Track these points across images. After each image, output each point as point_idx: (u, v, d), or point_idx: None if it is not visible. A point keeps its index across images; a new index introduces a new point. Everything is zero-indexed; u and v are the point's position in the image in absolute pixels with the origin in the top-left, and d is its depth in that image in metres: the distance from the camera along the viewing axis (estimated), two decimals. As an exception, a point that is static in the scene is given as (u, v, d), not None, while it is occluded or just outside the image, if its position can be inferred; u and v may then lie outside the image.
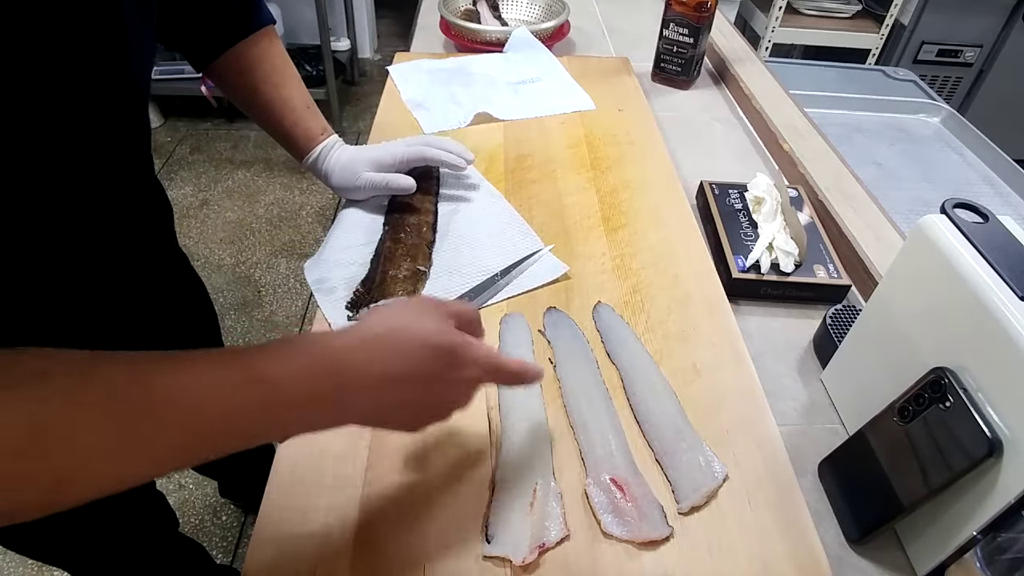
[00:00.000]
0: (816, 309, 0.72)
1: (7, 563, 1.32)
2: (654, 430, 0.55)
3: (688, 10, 1.05)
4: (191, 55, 0.69)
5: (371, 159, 0.75)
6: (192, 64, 0.69)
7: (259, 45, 0.70)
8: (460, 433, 0.55)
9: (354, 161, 0.74)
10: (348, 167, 0.74)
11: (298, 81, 0.73)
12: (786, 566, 0.47)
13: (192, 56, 0.69)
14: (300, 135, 0.73)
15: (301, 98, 0.73)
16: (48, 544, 0.74)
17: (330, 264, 0.70)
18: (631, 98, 1.03)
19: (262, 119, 0.73)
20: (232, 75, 0.70)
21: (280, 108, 0.71)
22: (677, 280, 0.70)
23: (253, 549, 0.47)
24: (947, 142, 1.32)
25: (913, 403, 0.47)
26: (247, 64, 0.70)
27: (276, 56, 0.71)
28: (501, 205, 0.79)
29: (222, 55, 0.69)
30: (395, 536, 0.48)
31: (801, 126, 1.00)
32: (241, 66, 0.70)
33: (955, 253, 0.47)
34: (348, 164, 0.74)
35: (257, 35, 0.69)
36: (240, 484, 1.33)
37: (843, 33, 2.30)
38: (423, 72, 1.06)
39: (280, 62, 0.71)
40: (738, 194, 0.82)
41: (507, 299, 0.67)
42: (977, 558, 0.44)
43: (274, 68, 0.70)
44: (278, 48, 0.71)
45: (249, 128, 2.65)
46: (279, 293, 1.95)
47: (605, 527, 0.48)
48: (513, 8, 1.29)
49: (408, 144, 0.76)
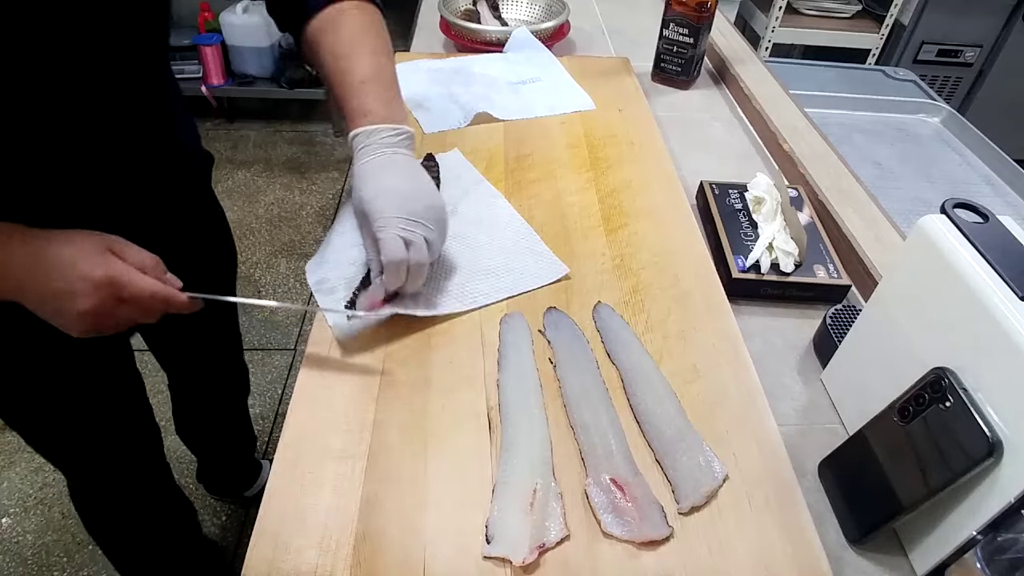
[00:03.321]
0: (816, 309, 0.72)
1: (7, 563, 1.32)
2: (654, 430, 0.55)
3: (688, 10, 1.05)
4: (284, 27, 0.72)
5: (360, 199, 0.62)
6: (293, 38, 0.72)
7: (332, 18, 0.67)
8: (460, 433, 0.55)
9: (356, 187, 0.63)
10: (358, 191, 0.63)
11: (369, 52, 0.66)
12: (786, 566, 0.47)
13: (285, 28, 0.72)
14: (348, 111, 0.65)
15: (362, 71, 0.65)
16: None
17: (331, 264, 0.70)
18: (631, 98, 1.03)
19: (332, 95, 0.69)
20: (308, 49, 0.70)
21: (338, 79, 0.66)
22: (677, 280, 0.70)
23: (253, 549, 0.47)
24: (947, 142, 1.32)
25: (913, 403, 0.47)
26: (321, 32, 0.68)
27: (347, 27, 0.67)
28: (501, 205, 0.79)
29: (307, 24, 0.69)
30: (395, 536, 0.48)
31: (801, 126, 1.00)
32: (316, 33, 0.68)
33: (955, 253, 0.47)
34: (359, 186, 0.62)
35: (336, 8, 0.67)
36: (217, 470, 1.36)
37: (843, 33, 2.30)
38: (423, 72, 1.06)
39: (352, 33, 0.67)
40: (738, 194, 0.82)
41: (507, 299, 0.67)
42: (977, 558, 0.44)
43: (339, 40, 0.67)
44: (356, 20, 0.68)
45: (249, 128, 2.65)
46: (279, 293, 1.95)
47: (605, 527, 0.48)
48: (513, 8, 1.29)
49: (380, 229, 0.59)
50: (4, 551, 1.34)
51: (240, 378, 1.19)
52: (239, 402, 1.23)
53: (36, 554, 1.34)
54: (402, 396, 0.57)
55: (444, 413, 0.56)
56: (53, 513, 1.40)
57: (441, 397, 0.57)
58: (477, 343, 0.62)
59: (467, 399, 0.57)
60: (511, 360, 0.60)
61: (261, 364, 1.74)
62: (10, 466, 1.47)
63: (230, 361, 1.13)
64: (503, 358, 0.61)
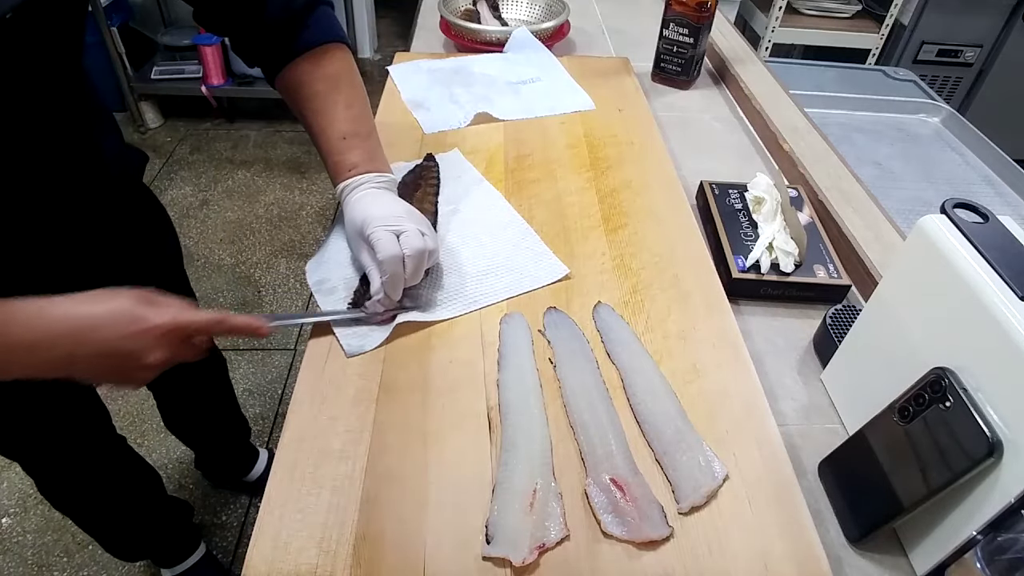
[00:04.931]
0: (816, 309, 0.72)
1: (7, 563, 1.32)
2: (654, 430, 0.55)
3: (688, 10, 1.05)
4: (253, 65, 0.71)
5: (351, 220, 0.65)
6: (264, 76, 0.71)
7: (302, 68, 0.68)
8: (460, 432, 0.55)
9: (347, 219, 0.66)
10: (349, 223, 0.66)
11: (344, 107, 0.68)
12: (786, 566, 0.47)
13: (254, 66, 0.71)
14: (331, 167, 0.68)
15: (340, 127, 0.67)
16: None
17: (331, 264, 0.70)
18: (631, 98, 1.03)
19: (315, 146, 0.70)
20: (286, 96, 0.70)
21: (317, 135, 0.68)
22: (677, 280, 0.70)
23: (253, 549, 0.47)
24: (947, 142, 1.32)
25: (913, 403, 0.47)
26: (291, 89, 0.69)
27: (319, 80, 0.68)
28: (501, 205, 0.79)
29: (276, 78, 0.69)
30: (395, 536, 0.48)
31: (801, 126, 1.00)
32: (287, 90, 0.69)
33: (955, 253, 0.47)
34: (349, 219, 0.66)
35: (305, 58, 0.67)
36: (213, 459, 1.38)
37: (843, 33, 2.30)
38: (423, 72, 1.06)
39: (323, 87, 0.68)
40: (738, 194, 0.82)
41: (507, 299, 0.67)
42: (977, 558, 0.44)
43: (315, 94, 0.68)
44: (325, 71, 0.68)
45: (249, 128, 2.65)
46: (279, 293, 1.95)
47: (605, 527, 0.48)
48: (513, 8, 1.29)
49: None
50: (4, 551, 1.34)
51: (216, 365, 1.19)
52: (222, 390, 1.23)
53: (36, 554, 1.34)
54: (402, 396, 0.57)
55: (444, 413, 0.56)
56: (53, 513, 1.39)
57: (441, 397, 0.57)
58: (477, 343, 0.62)
59: (467, 399, 0.57)
60: (511, 360, 0.60)
61: (261, 364, 1.74)
62: (10, 466, 1.47)
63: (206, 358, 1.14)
64: (503, 358, 0.61)
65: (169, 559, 1.21)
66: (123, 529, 1.08)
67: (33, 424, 0.81)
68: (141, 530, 1.11)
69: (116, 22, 2.35)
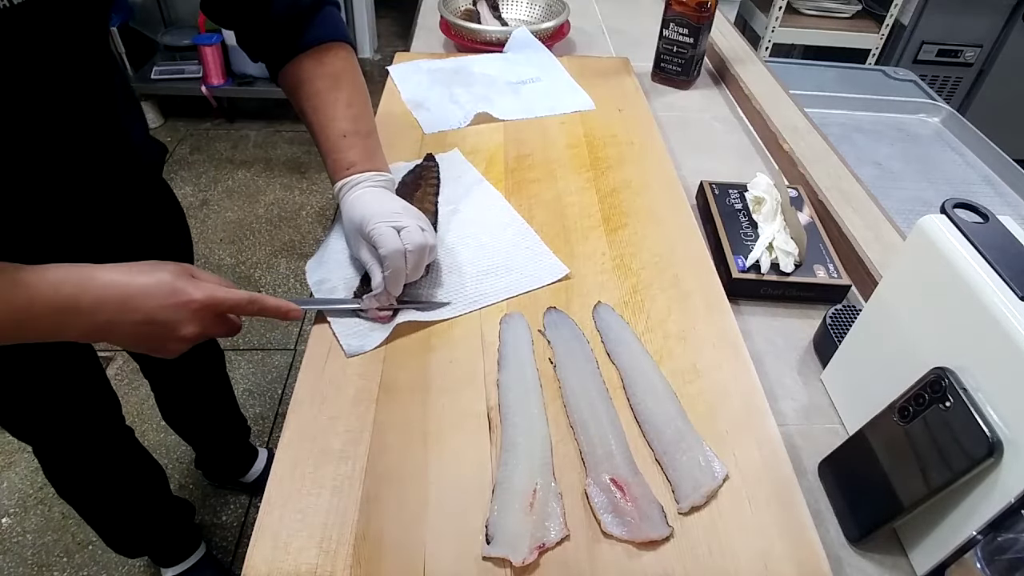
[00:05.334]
0: (816, 309, 0.72)
1: (7, 563, 1.32)
2: (654, 430, 0.55)
3: (688, 10, 1.05)
4: (257, 60, 0.72)
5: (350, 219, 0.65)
6: (268, 71, 0.72)
7: (305, 66, 0.68)
8: (460, 433, 0.55)
9: (346, 218, 0.66)
10: (347, 221, 0.66)
11: (344, 105, 0.68)
12: (786, 566, 0.47)
13: (258, 60, 0.72)
14: (330, 164, 0.69)
15: (340, 125, 0.68)
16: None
17: (331, 264, 0.70)
18: (631, 98, 1.03)
19: (315, 143, 0.71)
20: (289, 93, 0.71)
21: (317, 133, 0.69)
22: (677, 280, 0.70)
23: (253, 549, 0.47)
24: (947, 142, 1.32)
25: (913, 403, 0.47)
26: (293, 85, 0.70)
27: (321, 78, 0.68)
28: (501, 205, 0.79)
29: (279, 74, 0.70)
30: (395, 536, 0.48)
31: (801, 126, 1.00)
32: (289, 87, 0.70)
33: (955, 253, 0.47)
34: (347, 218, 0.66)
35: (308, 55, 0.68)
36: (213, 458, 1.39)
37: (843, 33, 2.30)
38: (423, 72, 1.06)
39: (325, 85, 0.68)
40: (738, 194, 0.82)
41: (507, 299, 0.67)
42: (977, 558, 0.44)
43: (317, 91, 0.68)
44: (327, 69, 0.69)
45: (249, 128, 2.65)
46: (279, 293, 1.95)
47: (605, 527, 0.48)
48: (513, 8, 1.29)
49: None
50: (4, 551, 1.34)
51: (214, 357, 1.19)
52: (219, 382, 1.23)
53: (36, 554, 1.34)
54: (402, 396, 0.57)
55: (444, 413, 0.56)
56: (53, 513, 1.40)
57: (441, 397, 0.57)
58: (477, 343, 0.62)
59: (467, 399, 0.57)
60: (511, 360, 0.60)
61: (261, 364, 1.74)
62: (10, 466, 1.47)
63: (204, 350, 1.14)
64: (503, 358, 0.61)
65: (169, 558, 1.21)
66: (125, 522, 1.08)
67: (46, 404, 0.82)
68: (143, 525, 1.11)
69: (116, 22, 2.35)
